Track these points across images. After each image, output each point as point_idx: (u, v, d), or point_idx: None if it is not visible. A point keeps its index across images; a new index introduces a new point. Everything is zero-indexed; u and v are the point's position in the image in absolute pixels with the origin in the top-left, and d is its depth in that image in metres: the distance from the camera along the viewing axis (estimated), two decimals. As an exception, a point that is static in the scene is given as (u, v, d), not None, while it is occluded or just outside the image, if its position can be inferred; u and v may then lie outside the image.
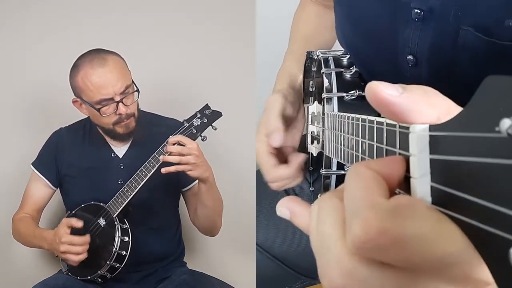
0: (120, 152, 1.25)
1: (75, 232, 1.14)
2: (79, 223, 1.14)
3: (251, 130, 1.37)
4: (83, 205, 1.22)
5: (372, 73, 0.71)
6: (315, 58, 0.78)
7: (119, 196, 1.17)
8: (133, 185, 1.15)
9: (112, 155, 1.25)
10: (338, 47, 0.80)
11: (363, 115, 0.40)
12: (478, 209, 0.23)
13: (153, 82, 1.40)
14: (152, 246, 1.24)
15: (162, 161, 1.09)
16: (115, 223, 1.16)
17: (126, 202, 1.16)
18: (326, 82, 0.70)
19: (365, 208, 0.27)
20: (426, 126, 0.28)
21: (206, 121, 1.13)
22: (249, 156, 1.37)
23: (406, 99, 0.30)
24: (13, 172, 1.44)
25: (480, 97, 0.24)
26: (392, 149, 0.32)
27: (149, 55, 1.41)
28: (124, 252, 1.15)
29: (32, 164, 1.30)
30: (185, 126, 1.13)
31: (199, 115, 1.13)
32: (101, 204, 1.19)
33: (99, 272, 1.15)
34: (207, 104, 1.15)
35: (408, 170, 0.30)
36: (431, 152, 0.28)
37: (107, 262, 1.14)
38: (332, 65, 0.72)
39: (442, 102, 0.30)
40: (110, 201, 1.18)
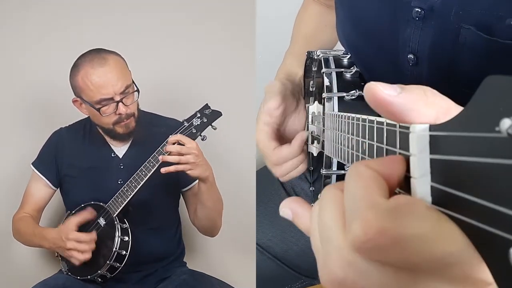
0: (120, 152, 1.25)
1: (79, 230, 1.14)
2: (88, 215, 1.15)
3: (251, 130, 1.36)
4: (83, 205, 1.22)
5: (373, 73, 0.71)
6: (315, 58, 0.78)
7: (119, 196, 1.17)
8: (133, 185, 1.15)
9: (112, 155, 1.25)
10: (340, 47, 0.80)
11: (363, 115, 0.40)
12: (478, 209, 0.23)
13: (153, 82, 1.40)
14: (152, 246, 1.24)
15: (161, 161, 1.09)
16: (115, 222, 1.16)
17: (126, 202, 1.16)
18: (326, 81, 0.70)
19: (365, 208, 0.27)
20: (426, 126, 0.28)
21: (206, 120, 1.13)
22: (249, 156, 1.37)
23: (404, 98, 0.30)
24: (13, 172, 1.44)
25: (480, 97, 0.24)
26: (392, 149, 0.32)
27: (149, 55, 1.41)
28: (124, 252, 1.15)
29: (32, 164, 1.30)
30: (185, 125, 1.13)
31: (199, 114, 1.13)
32: (101, 204, 1.19)
33: (99, 271, 1.15)
34: (207, 104, 1.15)
35: (408, 170, 0.30)
36: (431, 152, 0.28)
37: (107, 262, 1.14)
38: (332, 65, 0.72)
39: (440, 102, 0.30)
40: (110, 201, 1.18)
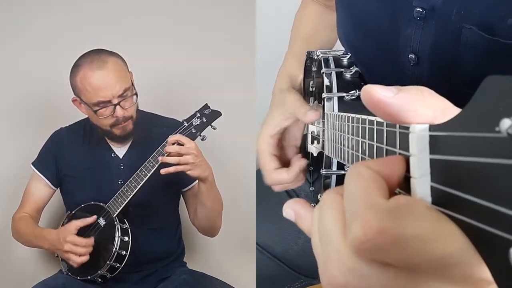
0: (120, 152, 1.25)
1: (79, 232, 1.14)
2: (89, 219, 1.15)
3: (251, 130, 1.37)
4: (83, 205, 1.22)
5: (373, 73, 0.71)
6: (315, 58, 0.78)
7: (119, 196, 1.17)
8: (133, 185, 1.15)
9: (112, 155, 1.25)
10: (339, 47, 0.80)
11: (363, 115, 0.40)
12: (478, 209, 0.23)
13: (153, 82, 1.40)
14: (152, 246, 1.24)
15: (161, 161, 1.09)
16: (115, 223, 1.16)
17: (126, 202, 1.16)
18: (326, 81, 0.70)
19: (365, 209, 0.27)
20: (426, 126, 0.28)
21: (205, 120, 1.13)
22: (249, 156, 1.37)
23: (401, 99, 0.30)
24: (13, 172, 1.44)
25: (480, 97, 0.23)
26: (392, 149, 0.32)
27: (149, 55, 1.41)
28: (124, 252, 1.15)
29: (32, 163, 1.30)
30: (184, 125, 1.13)
31: (198, 114, 1.13)
32: (101, 204, 1.20)
33: (99, 272, 1.15)
34: (206, 104, 1.15)
35: (408, 170, 0.30)
36: (431, 152, 0.28)
37: (107, 262, 1.14)
38: (332, 65, 0.72)
39: (437, 102, 0.30)
40: (110, 201, 1.18)
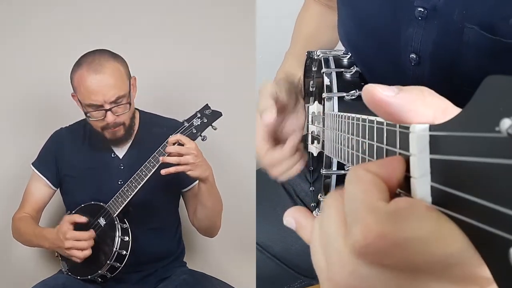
0: (120, 152, 1.25)
1: (77, 229, 1.14)
2: (81, 218, 1.15)
3: (251, 130, 1.36)
4: (83, 205, 1.22)
5: (374, 73, 0.71)
6: (315, 58, 0.78)
7: (119, 196, 1.17)
8: (133, 185, 1.15)
9: (112, 155, 1.25)
10: (340, 47, 0.80)
11: (363, 115, 0.40)
12: (478, 209, 0.23)
13: (154, 82, 1.40)
14: (152, 246, 1.24)
15: (161, 161, 1.09)
16: (115, 222, 1.16)
17: (126, 202, 1.16)
18: (326, 81, 0.70)
19: (365, 213, 0.27)
20: (426, 126, 0.28)
21: (206, 121, 1.13)
22: (249, 156, 1.37)
23: (402, 99, 0.30)
24: (13, 172, 1.44)
25: (480, 97, 0.24)
26: (392, 149, 0.32)
27: (149, 55, 1.41)
28: (124, 252, 1.15)
29: (32, 164, 1.30)
30: (185, 126, 1.13)
31: (199, 115, 1.13)
32: (101, 204, 1.19)
33: (99, 271, 1.15)
34: (207, 104, 1.15)
35: (408, 170, 0.30)
36: (431, 152, 0.28)
37: (108, 262, 1.14)
38: (332, 65, 0.72)
39: (438, 102, 0.30)
40: (110, 201, 1.18)
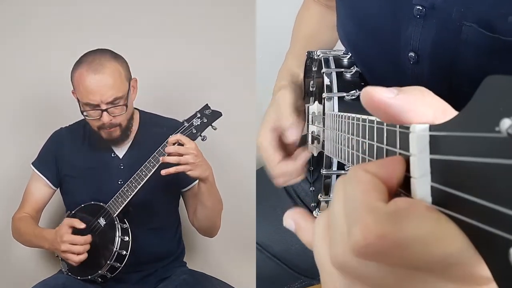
0: (120, 152, 1.25)
1: (76, 232, 1.14)
2: (81, 225, 1.15)
3: (251, 130, 1.37)
4: (83, 205, 1.22)
5: (374, 72, 0.71)
6: (315, 58, 0.78)
7: (119, 196, 1.17)
8: (133, 185, 1.15)
9: (112, 155, 1.25)
10: (340, 47, 0.80)
11: (363, 115, 0.40)
12: (478, 209, 0.23)
13: (153, 82, 1.40)
14: (152, 246, 1.24)
15: (161, 161, 1.09)
16: (115, 222, 1.16)
17: (126, 202, 1.16)
18: (326, 81, 0.70)
19: (364, 213, 0.27)
20: (426, 126, 0.28)
21: (206, 121, 1.13)
22: (249, 156, 1.37)
23: (402, 100, 0.30)
24: (13, 172, 1.44)
25: (480, 97, 0.23)
26: (392, 149, 0.32)
27: (149, 55, 1.42)
28: (124, 252, 1.15)
29: (32, 163, 1.30)
30: (185, 126, 1.13)
31: (199, 115, 1.13)
32: (101, 204, 1.20)
33: (99, 271, 1.15)
34: (207, 104, 1.15)
35: (408, 170, 0.30)
36: (431, 152, 0.28)
37: (108, 262, 1.14)
38: (332, 65, 0.72)
39: (437, 102, 0.30)
40: (110, 201, 1.18)
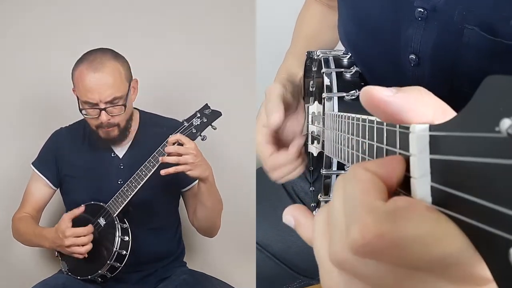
0: (120, 152, 1.25)
1: (76, 226, 1.14)
2: (80, 209, 1.15)
3: (251, 130, 1.36)
4: (83, 205, 1.22)
5: (374, 73, 0.71)
6: (315, 58, 0.78)
7: (119, 195, 1.17)
8: (133, 184, 1.15)
9: (112, 155, 1.25)
10: (340, 47, 0.80)
11: (363, 115, 0.40)
12: (478, 209, 0.23)
13: (153, 82, 1.40)
14: (152, 246, 1.24)
15: (161, 162, 1.09)
16: (115, 222, 1.16)
17: (126, 201, 1.16)
18: (326, 81, 0.70)
19: (363, 212, 0.27)
20: (426, 126, 0.28)
21: (205, 120, 1.13)
22: (249, 156, 1.37)
23: (402, 99, 0.30)
24: (13, 172, 1.44)
25: (480, 97, 0.24)
26: (392, 149, 0.32)
27: (149, 55, 1.41)
28: (124, 252, 1.15)
29: (32, 163, 1.30)
30: (184, 125, 1.13)
31: (198, 114, 1.13)
32: (101, 204, 1.20)
33: (99, 271, 1.15)
34: (206, 103, 1.15)
35: (408, 170, 0.30)
36: (431, 152, 0.28)
37: (108, 262, 1.14)
38: (332, 65, 0.72)
39: (436, 102, 0.30)
40: (110, 201, 1.18)
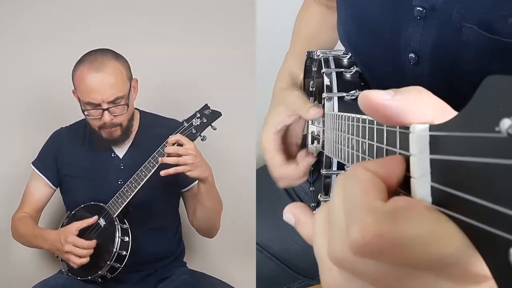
0: (120, 152, 1.25)
1: (80, 233, 1.14)
2: (91, 220, 1.15)
3: (251, 130, 1.37)
4: (83, 205, 1.22)
5: (374, 72, 0.71)
6: (315, 58, 0.78)
7: (119, 196, 1.17)
8: (133, 185, 1.15)
9: (112, 155, 1.25)
10: (340, 48, 0.80)
11: (363, 115, 0.40)
12: (478, 209, 0.23)
13: (154, 82, 1.40)
14: (152, 246, 1.24)
15: (160, 162, 1.09)
16: (115, 223, 1.16)
17: (126, 202, 1.16)
18: (326, 81, 0.70)
19: (363, 212, 0.27)
20: (426, 126, 0.28)
21: (205, 121, 1.13)
22: (249, 156, 1.37)
23: (400, 101, 0.30)
24: (13, 172, 1.44)
25: (480, 97, 0.23)
26: (392, 149, 0.32)
27: (149, 55, 1.41)
28: (124, 252, 1.15)
29: (32, 163, 1.30)
30: (184, 126, 1.13)
31: (198, 115, 1.13)
32: (101, 204, 1.19)
33: (99, 272, 1.15)
34: (206, 104, 1.15)
35: (408, 170, 0.30)
36: (431, 152, 0.28)
37: (108, 262, 1.14)
38: (332, 65, 0.72)
39: (436, 102, 0.30)
40: (110, 201, 1.18)
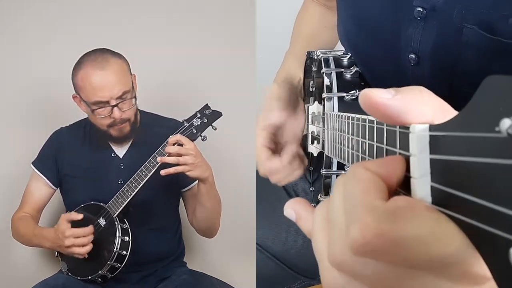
0: (120, 152, 1.25)
1: (76, 226, 1.14)
2: (78, 216, 1.15)
3: (251, 130, 1.36)
4: (83, 205, 1.22)
5: (374, 73, 0.71)
6: (315, 58, 0.78)
7: (119, 196, 1.17)
8: (133, 185, 1.15)
9: (113, 155, 1.25)
10: (340, 48, 0.80)
11: (363, 115, 0.40)
12: (478, 209, 0.23)
13: (154, 82, 1.40)
14: (152, 246, 1.24)
15: (160, 162, 1.09)
16: (116, 223, 1.16)
17: (126, 202, 1.16)
18: (326, 81, 0.70)
19: (363, 211, 0.27)
20: (426, 126, 0.28)
21: (206, 121, 1.13)
22: (249, 156, 1.37)
23: (401, 100, 0.30)
24: (13, 172, 1.44)
25: (480, 97, 0.23)
26: (392, 149, 0.32)
27: (149, 55, 1.41)
28: (124, 252, 1.15)
29: (32, 163, 1.30)
30: (185, 126, 1.13)
31: (199, 115, 1.13)
32: (101, 204, 1.20)
33: (99, 272, 1.15)
34: (207, 104, 1.15)
35: (408, 170, 0.30)
36: (431, 152, 0.28)
37: (108, 262, 1.14)
38: (332, 65, 0.72)
39: (436, 102, 0.30)
40: (110, 201, 1.18)
